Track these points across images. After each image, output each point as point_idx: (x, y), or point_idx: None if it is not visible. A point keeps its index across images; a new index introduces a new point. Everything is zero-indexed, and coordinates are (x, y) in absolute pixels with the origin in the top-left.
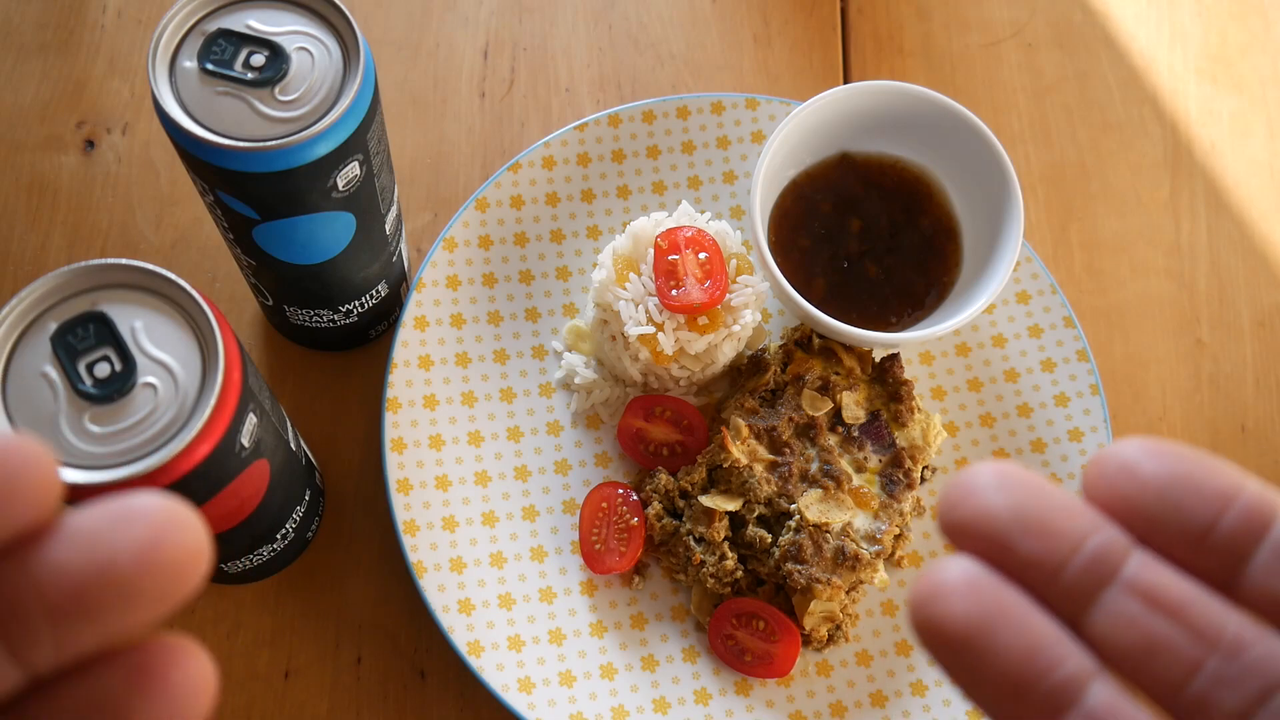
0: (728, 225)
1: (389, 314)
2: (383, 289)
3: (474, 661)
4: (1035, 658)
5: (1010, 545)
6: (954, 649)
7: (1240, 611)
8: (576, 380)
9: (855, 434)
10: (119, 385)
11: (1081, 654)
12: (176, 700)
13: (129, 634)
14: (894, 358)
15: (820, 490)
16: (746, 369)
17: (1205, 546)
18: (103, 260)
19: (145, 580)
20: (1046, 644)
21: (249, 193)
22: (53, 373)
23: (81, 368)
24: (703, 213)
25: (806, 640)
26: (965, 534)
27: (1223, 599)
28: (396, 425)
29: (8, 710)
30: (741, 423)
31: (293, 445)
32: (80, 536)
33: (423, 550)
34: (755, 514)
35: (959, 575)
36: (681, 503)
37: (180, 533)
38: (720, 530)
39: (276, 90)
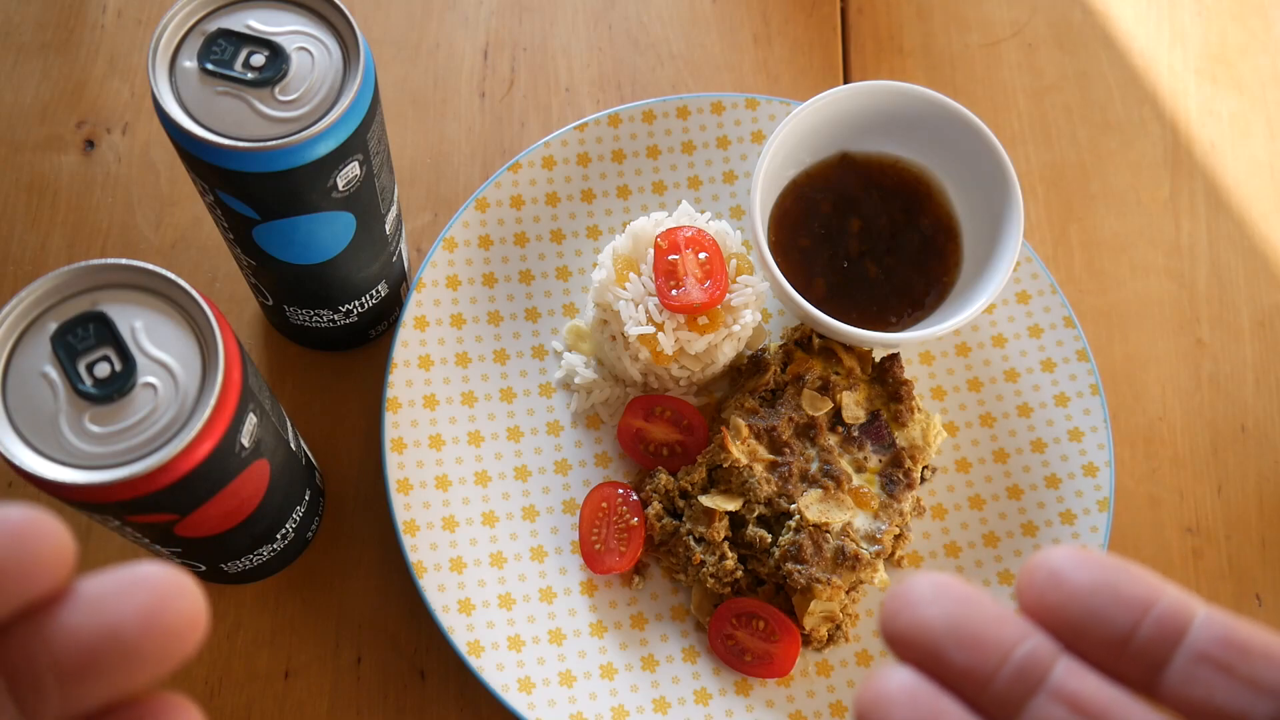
0: (728, 225)
1: (389, 314)
2: (383, 289)
3: (474, 661)
4: None
5: (944, 656)
6: None
7: (1160, 715)
8: (576, 380)
9: (855, 434)
10: (119, 385)
11: None
12: None
13: (130, 693)
14: (894, 358)
15: (820, 490)
16: (746, 369)
17: (1126, 652)
18: (103, 260)
19: (148, 644)
20: None
21: (249, 193)
22: (53, 373)
23: (81, 368)
24: (703, 213)
25: (806, 640)
26: (904, 645)
27: (1144, 703)
28: (396, 425)
29: None
30: (741, 423)
31: (293, 445)
32: (89, 603)
33: (423, 550)
34: (755, 514)
35: (899, 686)
36: (681, 503)
37: (180, 600)
38: (720, 530)
39: (276, 90)
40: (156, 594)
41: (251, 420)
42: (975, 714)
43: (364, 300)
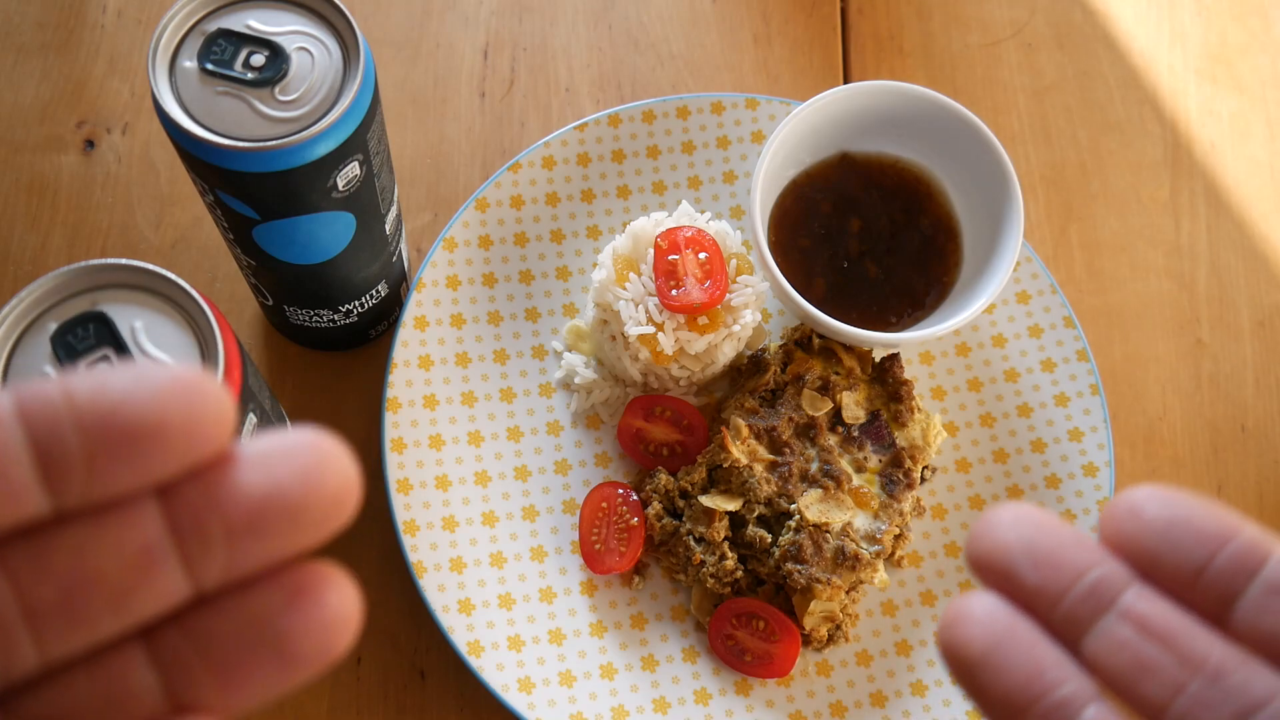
0: (728, 225)
1: (389, 314)
2: (383, 289)
3: (474, 661)
4: (1037, 680)
5: (1019, 576)
6: (970, 669)
7: (1227, 641)
8: (576, 380)
9: (855, 434)
10: None
11: (1081, 678)
12: (327, 619)
13: (289, 556)
14: (894, 358)
15: (820, 490)
16: (746, 369)
17: (1200, 583)
18: (103, 260)
19: (309, 505)
20: (1048, 668)
21: (249, 193)
22: (53, 373)
23: (81, 368)
24: (703, 213)
25: (806, 640)
26: (983, 566)
27: (1213, 630)
28: (396, 425)
29: (174, 621)
30: (741, 423)
31: None
32: (254, 463)
33: (423, 550)
34: (755, 514)
35: (978, 605)
36: (681, 503)
37: (337, 464)
38: (720, 530)
39: (276, 90)
40: (315, 458)
41: (251, 420)
42: (1048, 633)
43: (364, 300)
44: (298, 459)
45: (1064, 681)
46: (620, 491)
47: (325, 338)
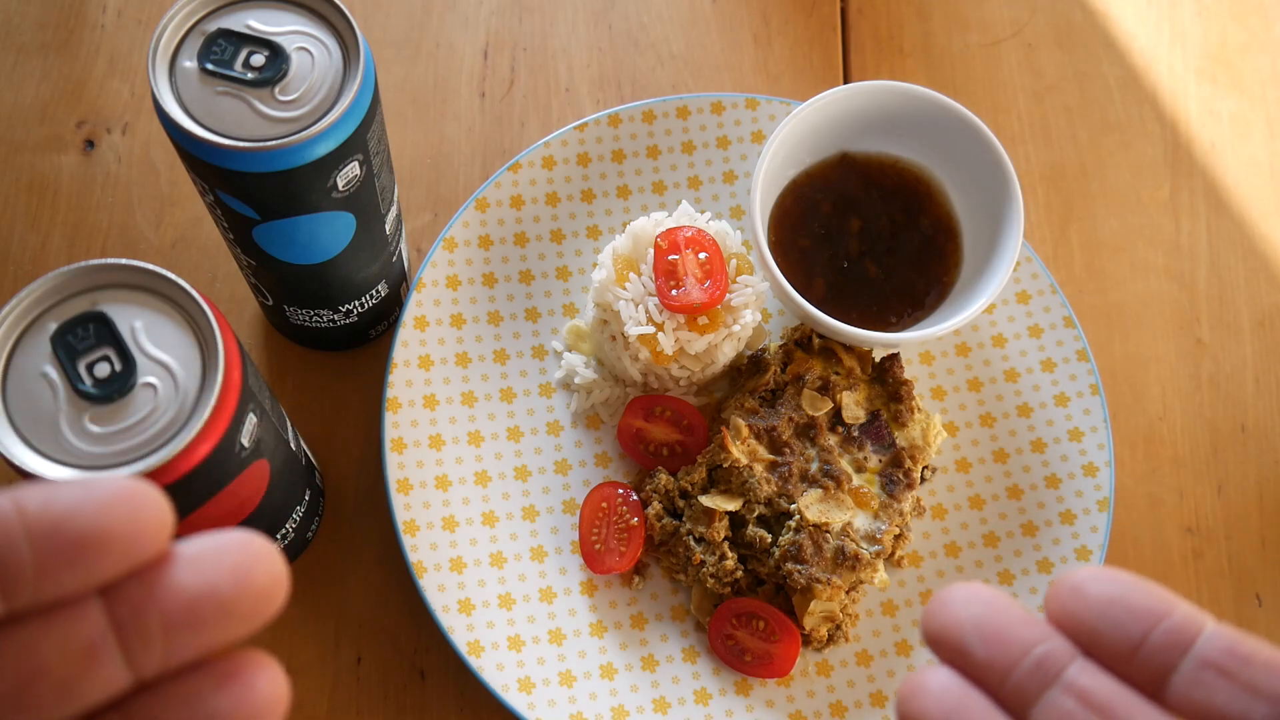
0: (728, 225)
1: (389, 314)
2: (383, 289)
3: (474, 661)
4: None
5: (970, 651)
6: None
7: (1163, 714)
8: (576, 380)
9: (855, 434)
10: (119, 385)
11: None
12: (256, 702)
13: (221, 647)
14: (894, 358)
15: (820, 490)
16: (746, 369)
17: (1137, 659)
18: (103, 260)
19: (241, 600)
20: None
21: (249, 193)
22: (53, 373)
23: (81, 368)
24: (703, 213)
25: (806, 640)
26: (937, 641)
27: (1150, 703)
28: (396, 425)
29: (114, 709)
30: (741, 423)
31: (293, 445)
32: (190, 562)
33: (423, 550)
34: (755, 514)
35: (934, 679)
36: (681, 503)
37: (266, 563)
38: (720, 530)
39: (276, 90)
40: (246, 556)
41: (251, 420)
42: (998, 707)
43: (364, 300)
44: (229, 557)
45: None
46: (620, 491)
47: (325, 338)
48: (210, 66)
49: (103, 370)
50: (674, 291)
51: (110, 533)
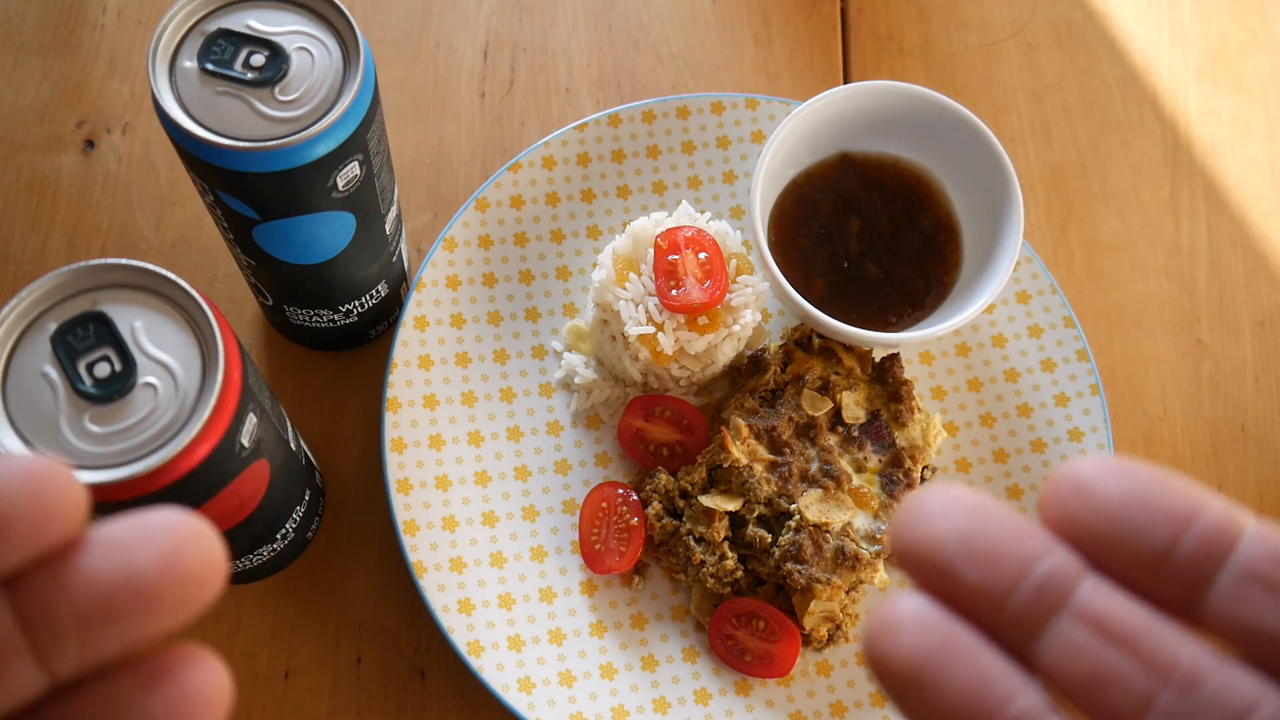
0: (728, 225)
1: (389, 314)
2: (383, 289)
3: (474, 661)
4: (982, 695)
5: (956, 573)
6: (903, 685)
7: (1199, 641)
8: (576, 380)
9: (855, 434)
10: (119, 385)
11: (1033, 692)
12: (189, 702)
13: (148, 641)
14: (894, 358)
15: (820, 490)
16: (746, 369)
17: (1164, 571)
18: (103, 260)
19: (166, 589)
20: (994, 681)
21: (249, 193)
22: (53, 373)
23: (81, 368)
24: (703, 213)
25: (806, 640)
26: (913, 562)
27: (1181, 627)
28: (396, 425)
29: (28, 715)
30: (741, 423)
31: (293, 445)
32: (106, 548)
33: (423, 550)
34: (755, 514)
35: (909, 610)
36: (681, 503)
37: (198, 544)
38: (720, 530)
39: (276, 90)
40: (174, 539)
41: (251, 420)
42: (991, 640)
43: (364, 300)
44: (154, 540)
45: (1013, 697)
46: (620, 491)
47: (325, 338)
48: (210, 66)
49: (103, 370)
50: (674, 291)
51: (8, 517)
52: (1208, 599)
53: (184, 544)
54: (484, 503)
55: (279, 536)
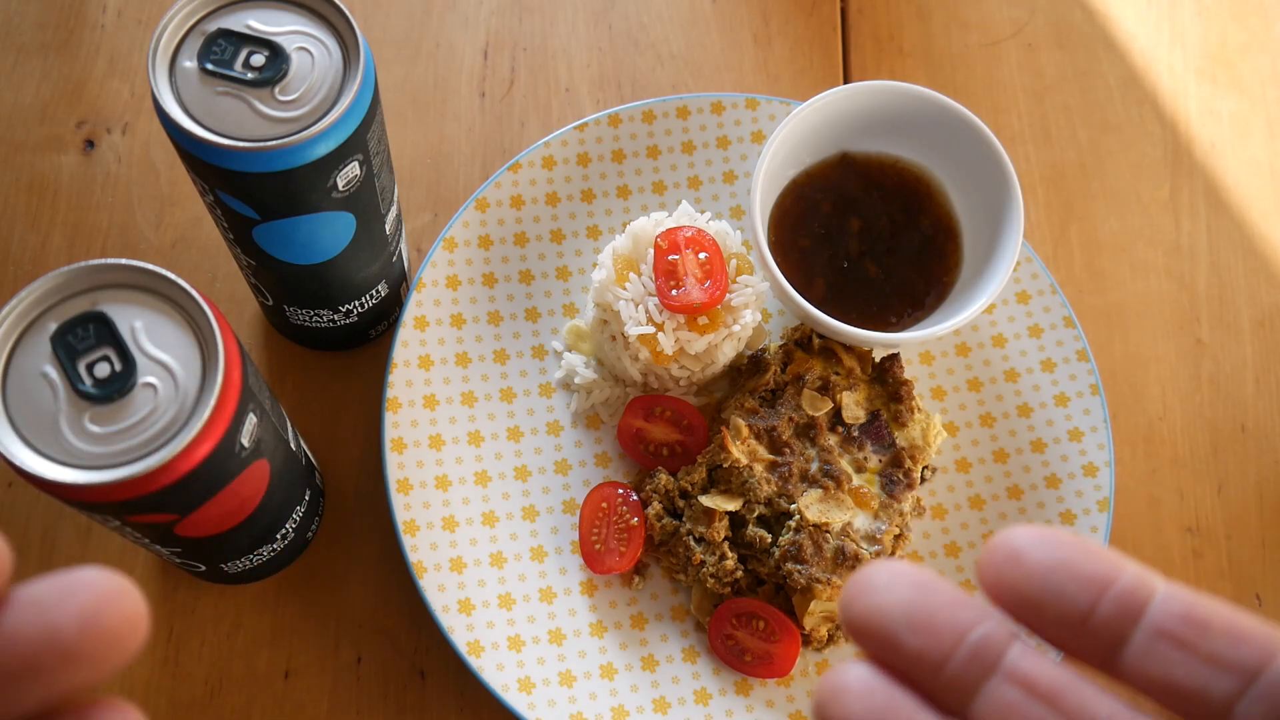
0: (728, 225)
1: (389, 314)
2: (383, 289)
3: (474, 661)
4: None
5: (899, 641)
6: None
7: (1116, 695)
8: (576, 380)
9: (855, 434)
10: (119, 385)
11: None
12: None
13: (69, 694)
14: (894, 358)
15: (820, 490)
16: (746, 369)
17: (1086, 631)
18: (103, 260)
19: (87, 645)
20: None
21: (249, 193)
22: (53, 373)
23: (81, 368)
24: (703, 213)
25: (806, 640)
26: (861, 631)
27: (1102, 683)
28: (396, 425)
29: None
30: (741, 423)
31: (293, 445)
32: (27, 607)
33: (423, 550)
34: (755, 514)
35: (855, 677)
36: (681, 503)
37: (119, 603)
38: (720, 530)
39: (276, 90)
40: (95, 597)
41: (251, 420)
42: (931, 704)
43: (364, 300)
44: (75, 599)
45: None
46: (620, 491)
47: (325, 338)
48: (210, 66)
49: (103, 370)
50: (674, 291)
51: None
52: (1125, 655)
53: (105, 603)
54: (484, 503)
55: (279, 536)
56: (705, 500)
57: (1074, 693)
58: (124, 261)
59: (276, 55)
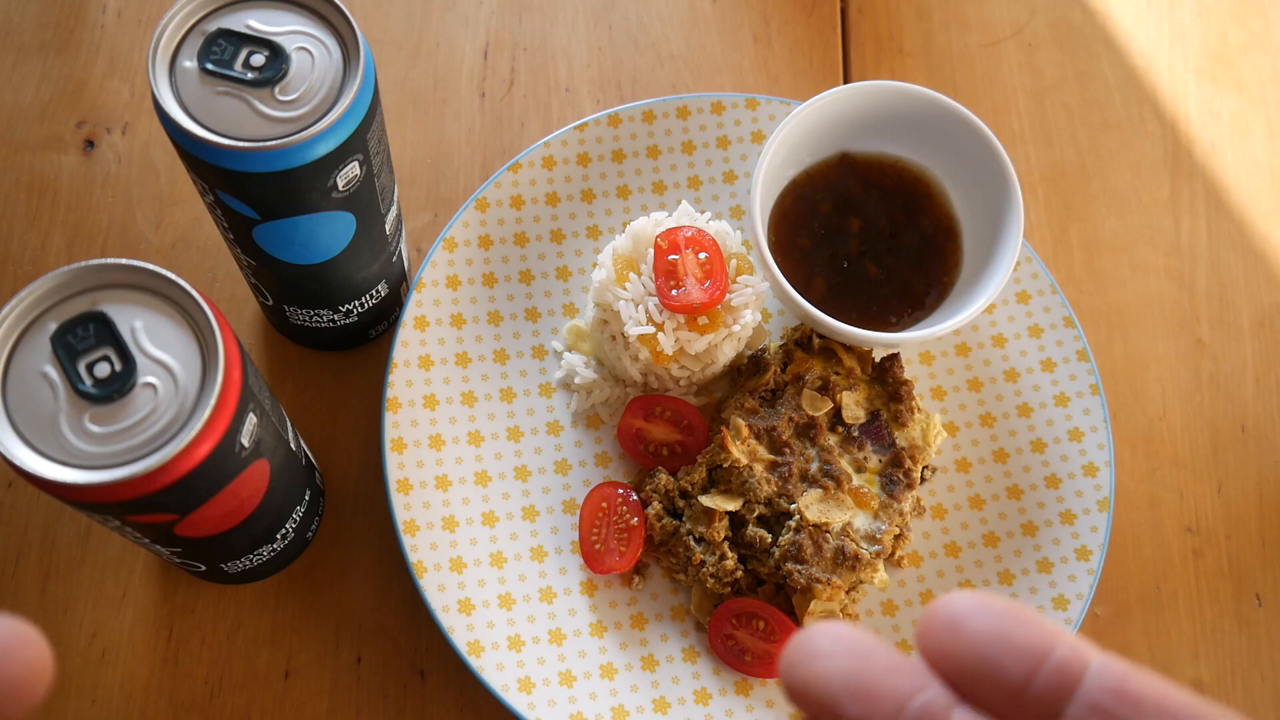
0: (728, 225)
1: (389, 314)
2: (383, 289)
3: (474, 661)
4: None
5: (840, 710)
6: None
7: None
8: (576, 380)
9: (855, 434)
10: (119, 385)
11: None
12: None
13: None
14: (894, 358)
15: (820, 490)
16: (746, 369)
17: (1022, 701)
18: (103, 260)
19: None
20: None
21: (249, 193)
22: (53, 373)
23: (81, 368)
24: (703, 213)
25: None
26: (802, 697)
27: None
28: (396, 425)
29: None
30: (741, 423)
31: (293, 445)
32: None
33: (423, 550)
34: (755, 514)
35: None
36: (681, 503)
37: (22, 652)
38: (720, 530)
39: (276, 90)
40: None
41: (251, 420)
42: None
43: (364, 300)
44: None
45: None
46: (620, 491)
47: (325, 338)
48: (210, 66)
49: (103, 370)
50: (674, 291)
51: None
52: None
53: (7, 653)
54: (484, 503)
55: (279, 536)
56: (705, 500)
57: None
58: (124, 261)
59: (276, 55)
